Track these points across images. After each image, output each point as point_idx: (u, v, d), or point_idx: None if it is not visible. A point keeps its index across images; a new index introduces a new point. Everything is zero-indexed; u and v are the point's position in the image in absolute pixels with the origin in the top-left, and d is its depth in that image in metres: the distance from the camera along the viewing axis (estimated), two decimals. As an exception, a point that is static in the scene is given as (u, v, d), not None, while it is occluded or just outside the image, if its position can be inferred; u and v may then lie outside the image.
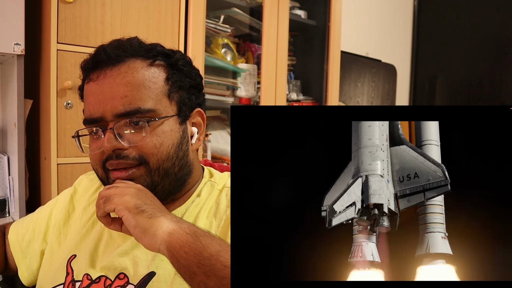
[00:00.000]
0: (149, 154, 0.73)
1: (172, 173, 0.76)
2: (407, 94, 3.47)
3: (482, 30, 3.08)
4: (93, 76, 0.75)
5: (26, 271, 0.88)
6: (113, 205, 0.66)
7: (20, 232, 0.90)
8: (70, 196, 0.90)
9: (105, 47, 0.76)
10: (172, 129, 0.76)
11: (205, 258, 0.59)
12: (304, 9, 2.20)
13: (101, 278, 0.75)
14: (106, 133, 0.73)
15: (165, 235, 0.62)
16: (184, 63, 0.80)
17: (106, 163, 0.74)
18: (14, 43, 1.21)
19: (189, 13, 1.60)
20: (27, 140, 1.33)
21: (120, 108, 0.72)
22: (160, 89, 0.75)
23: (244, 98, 1.93)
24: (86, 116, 0.76)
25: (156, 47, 0.78)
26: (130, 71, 0.74)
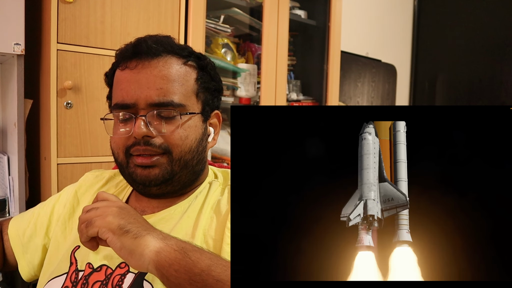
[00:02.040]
0: (174, 145, 0.77)
1: (190, 166, 0.80)
2: (407, 94, 3.47)
3: (482, 30, 3.08)
4: (131, 65, 0.78)
5: (27, 265, 0.88)
6: (96, 228, 0.63)
7: (20, 227, 0.90)
8: (74, 191, 0.91)
9: (146, 39, 0.79)
10: (197, 125, 0.80)
11: (196, 274, 0.59)
12: (304, 9, 2.20)
13: (102, 267, 0.76)
14: (137, 120, 0.76)
15: (152, 255, 0.61)
16: (211, 67, 0.85)
17: (131, 149, 0.77)
18: (14, 43, 1.21)
19: (189, 13, 1.60)
20: (27, 140, 1.33)
21: (154, 98, 0.76)
22: (191, 87, 0.80)
23: (244, 98, 1.93)
24: (117, 101, 0.78)
25: (188, 48, 0.84)
26: (167, 65, 0.78)
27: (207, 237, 0.76)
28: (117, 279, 0.73)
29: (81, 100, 1.35)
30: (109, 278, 0.74)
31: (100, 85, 1.37)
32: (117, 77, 0.81)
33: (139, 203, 0.84)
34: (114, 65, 0.83)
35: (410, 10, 3.41)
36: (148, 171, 0.77)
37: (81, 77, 1.34)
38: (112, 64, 0.83)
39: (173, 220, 0.79)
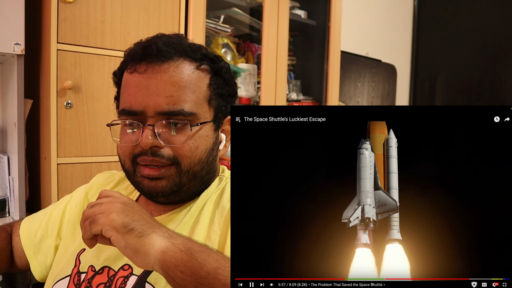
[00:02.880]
0: (183, 156, 0.73)
1: (199, 177, 0.76)
2: (407, 94, 3.48)
3: (482, 30, 3.08)
4: (140, 68, 0.73)
5: (39, 266, 0.87)
6: (100, 226, 0.62)
7: (32, 227, 0.89)
8: (85, 193, 0.91)
9: (156, 41, 0.74)
10: (208, 135, 0.76)
11: (202, 277, 0.57)
12: (304, 9, 2.20)
13: (104, 269, 0.75)
14: (145, 129, 0.71)
15: (158, 254, 0.60)
16: (226, 71, 0.80)
17: (138, 158, 0.73)
18: (14, 43, 1.21)
19: (189, 13, 1.60)
20: (27, 140, 1.33)
21: (164, 107, 0.71)
22: (203, 94, 0.75)
23: (244, 98, 1.93)
24: (124, 106, 0.74)
25: (201, 49, 0.78)
26: (178, 70, 0.73)
27: (210, 232, 0.74)
28: (120, 281, 0.72)
29: (81, 100, 1.35)
30: (112, 280, 0.73)
31: (100, 85, 1.38)
32: (125, 80, 0.76)
33: (147, 206, 0.82)
34: (123, 65, 0.78)
35: (410, 10, 3.41)
36: (155, 182, 0.74)
37: (81, 77, 1.34)
38: (121, 63, 0.79)
39: (177, 220, 0.78)
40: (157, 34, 0.78)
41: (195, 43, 0.79)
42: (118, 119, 0.77)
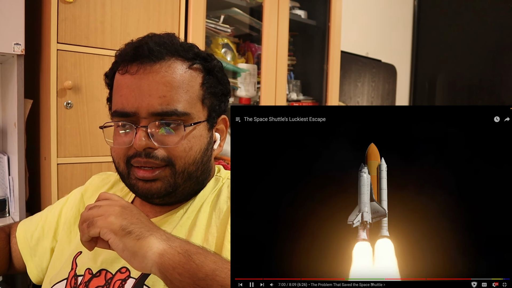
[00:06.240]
0: (178, 157, 0.72)
1: (194, 177, 0.76)
2: (407, 94, 3.48)
3: (482, 30, 3.08)
4: (131, 69, 0.72)
5: (35, 268, 0.87)
6: (98, 228, 0.62)
7: (28, 230, 0.89)
8: (80, 195, 0.91)
9: (147, 41, 0.74)
10: (202, 135, 0.75)
11: (200, 279, 0.58)
12: (304, 9, 2.20)
13: (102, 271, 0.74)
14: (138, 131, 0.71)
15: (155, 257, 0.60)
16: (219, 69, 0.79)
17: (132, 160, 0.73)
18: (14, 43, 1.21)
19: (189, 13, 1.60)
20: (27, 140, 1.33)
21: (157, 107, 0.70)
22: (196, 94, 0.75)
23: (244, 98, 1.93)
24: (117, 108, 0.73)
25: (193, 48, 0.77)
26: (170, 70, 0.72)
27: (207, 234, 0.74)
28: (118, 284, 0.72)
29: (81, 100, 1.35)
30: (110, 283, 0.73)
31: (100, 85, 1.37)
32: (117, 81, 0.75)
33: (142, 208, 0.82)
34: (114, 66, 0.77)
35: (410, 10, 3.41)
36: (150, 184, 0.73)
37: (81, 77, 1.34)
38: (112, 64, 0.78)
39: (174, 222, 0.78)
40: (148, 34, 0.77)
41: (187, 42, 0.78)
42: (111, 121, 0.76)
